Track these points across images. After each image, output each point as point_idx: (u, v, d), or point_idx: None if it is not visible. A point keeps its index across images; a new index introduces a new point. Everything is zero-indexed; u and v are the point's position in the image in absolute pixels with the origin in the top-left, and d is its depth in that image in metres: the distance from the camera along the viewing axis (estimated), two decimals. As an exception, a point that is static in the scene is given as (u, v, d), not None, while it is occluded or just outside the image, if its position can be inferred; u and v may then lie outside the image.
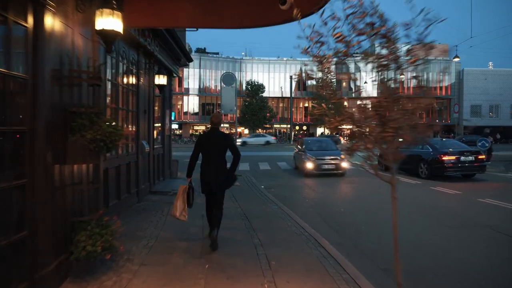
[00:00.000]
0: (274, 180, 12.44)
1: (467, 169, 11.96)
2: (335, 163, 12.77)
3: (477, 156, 11.84)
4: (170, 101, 10.02)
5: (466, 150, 12.08)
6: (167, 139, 9.71)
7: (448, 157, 11.61)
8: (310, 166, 12.67)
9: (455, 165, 11.63)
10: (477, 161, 11.81)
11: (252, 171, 15.05)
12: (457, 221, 6.68)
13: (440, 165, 11.68)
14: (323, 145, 14.55)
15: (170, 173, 10.10)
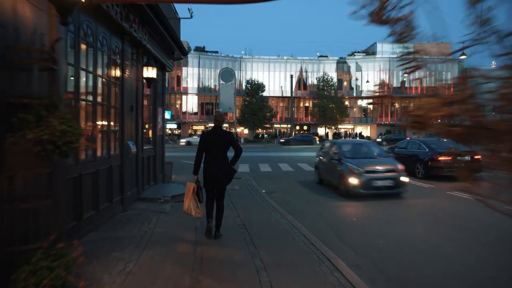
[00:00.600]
0: (276, 183, 11.59)
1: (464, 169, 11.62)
2: (393, 176, 8.95)
3: (473, 156, 11.40)
4: (163, 98, 9.16)
5: (464, 150, 11.45)
6: (159, 140, 8.85)
7: (444, 157, 11.35)
8: (354, 181, 8.73)
9: (451, 165, 10.92)
10: (473, 161, 11.38)
11: (252, 173, 14.20)
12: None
13: (436, 165, 11.45)
14: (366, 150, 10.61)
15: (163, 176, 9.24)
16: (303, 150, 31.03)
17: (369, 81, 52.68)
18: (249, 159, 20.57)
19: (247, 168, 16.01)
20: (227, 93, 12.14)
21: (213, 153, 5.06)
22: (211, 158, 5.06)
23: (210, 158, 5.06)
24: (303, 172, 14.66)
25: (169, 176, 10.32)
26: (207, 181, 5.08)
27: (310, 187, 10.90)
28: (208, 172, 5.05)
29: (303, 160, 19.87)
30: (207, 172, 5.05)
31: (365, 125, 57.18)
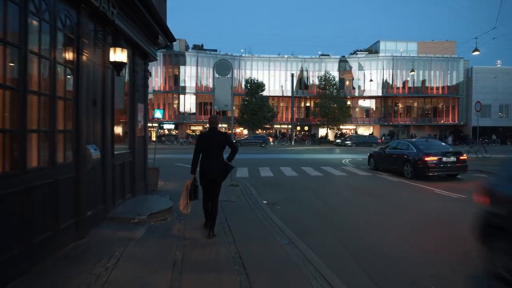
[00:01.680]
0: (279, 192, 10.08)
1: (449, 170, 12.39)
2: None
3: (458, 157, 12.30)
4: (144, 91, 7.65)
5: (448, 151, 12.53)
6: (139, 142, 7.33)
7: (430, 158, 12.01)
8: None
9: (437, 166, 12.05)
10: (458, 162, 12.29)
11: (252, 179, 12.68)
12: None
13: (423, 165, 12.08)
14: None
15: (145, 186, 7.72)
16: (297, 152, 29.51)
17: (373, 80, 51.14)
18: (249, 162, 19.06)
19: (246, 172, 14.50)
20: (223, 88, 10.64)
21: (209, 154, 5.34)
22: (207, 158, 5.34)
23: (206, 158, 5.34)
24: (308, 177, 13.14)
25: (153, 185, 8.81)
26: (204, 180, 5.37)
27: (318, 195, 9.38)
28: (204, 171, 5.32)
29: (306, 163, 18.38)
30: (204, 172, 5.32)
31: (368, 126, 55.68)
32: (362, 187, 10.99)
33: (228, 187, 10.21)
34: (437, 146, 13.16)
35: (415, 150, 12.68)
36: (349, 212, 7.46)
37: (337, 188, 10.67)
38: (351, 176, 13.61)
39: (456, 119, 53.08)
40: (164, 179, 11.57)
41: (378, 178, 13.07)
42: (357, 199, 9.02)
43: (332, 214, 7.30)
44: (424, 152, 12.27)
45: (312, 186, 11.10)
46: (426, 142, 13.55)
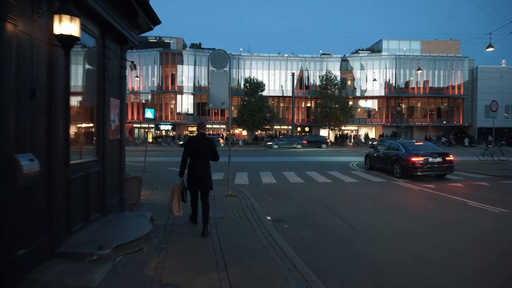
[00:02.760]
0: (285, 204, 8.60)
1: (436, 170, 12.85)
2: None
3: (444, 158, 12.76)
4: (120, 84, 6.17)
5: (435, 152, 13.06)
6: (113, 147, 5.86)
7: (417, 158, 12.58)
8: None
9: (423, 166, 12.55)
10: (445, 162, 12.74)
11: (252, 186, 11.21)
12: None
13: (410, 165, 12.65)
14: None
15: (122, 201, 6.23)
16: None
17: (376, 80, 49.72)
18: (248, 165, 17.58)
19: (246, 178, 13.02)
20: (219, 83, 9.17)
21: (196, 159, 5.59)
22: (194, 163, 5.59)
23: (193, 163, 5.59)
24: (316, 184, 11.67)
25: (135, 197, 7.33)
26: (191, 183, 5.64)
27: (332, 209, 7.89)
28: (191, 175, 5.61)
29: (311, 167, 16.91)
30: (191, 175, 5.61)
31: (370, 127, 54.27)
32: (381, 198, 9.52)
33: (225, 198, 8.74)
34: (426, 148, 13.72)
35: (404, 150, 13.33)
36: (379, 238, 5.92)
37: (352, 200, 9.19)
38: (363, 183, 12.14)
39: (461, 119, 51.69)
40: (152, 187, 10.09)
41: (394, 185, 11.61)
42: (383, 216, 7.51)
43: (358, 240, 5.77)
44: (412, 152, 12.87)
45: (322, 196, 9.62)
46: (415, 144, 14.17)
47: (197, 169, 5.57)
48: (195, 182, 5.60)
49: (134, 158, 16.67)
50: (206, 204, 5.66)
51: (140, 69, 49.19)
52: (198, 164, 5.58)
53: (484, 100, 50.75)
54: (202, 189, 5.67)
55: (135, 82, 48.78)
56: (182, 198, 5.67)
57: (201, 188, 5.66)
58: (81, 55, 4.96)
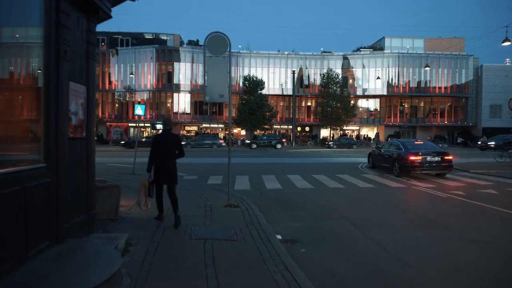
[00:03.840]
0: (296, 217, 7.12)
1: (434, 169, 12.99)
2: None
3: (443, 157, 12.90)
4: (87, 65, 4.68)
5: (434, 151, 13.23)
6: (75, 148, 4.37)
7: (415, 157, 12.74)
8: None
9: (421, 165, 12.73)
10: (443, 161, 12.86)
11: (255, 193, 9.75)
12: None
13: (408, 164, 12.82)
14: None
15: (90, 219, 4.73)
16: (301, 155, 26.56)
17: (380, 78, 48.36)
18: (249, 168, 16.11)
19: (247, 182, 11.55)
20: (217, 72, 7.69)
21: (162, 155, 5.81)
22: (161, 159, 5.81)
23: (160, 159, 5.82)
24: (328, 191, 10.20)
25: (112, 211, 5.84)
26: (158, 178, 5.87)
27: (357, 225, 6.40)
28: (158, 170, 5.83)
29: (317, 169, 15.41)
30: (157, 171, 5.83)
31: (372, 126, 52.88)
32: (409, 209, 8.06)
33: (224, 210, 7.26)
34: (425, 147, 13.73)
35: (403, 149, 13.51)
36: (436, 275, 4.48)
37: (377, 212, 7.71)
38: (381, 188, 10.69)
39: (465, 119, 50.34)
40: (136, 196, 8.60)
41: (417, 192, 10.16)
42: (425, 238, 6.02)
43: (409, 277, 4.30)
44: (411, 151, 13.06)
45: (339, 206, 8.15)
46: (415, 143, 14.32)
47: (163, 164, 5.81)
48: (161, 177, 5.84)
49: (125, 159, 15.14)
50: (174, 197, 5.91)
51: (135, 66, 47.64)
52: (164, 160, 5.81)
53: (489, 99, 49.51)
54: (168, 183, 5.90)
55: (130, 80, 47.19)
56: (149, 193, 5.84)
57: (167, 182, 5.90)
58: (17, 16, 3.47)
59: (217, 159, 21.72)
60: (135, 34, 51.92)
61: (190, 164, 18.44)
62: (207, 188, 10.22)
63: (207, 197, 8.69)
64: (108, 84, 48.84)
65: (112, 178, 11.37)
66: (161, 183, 5.94)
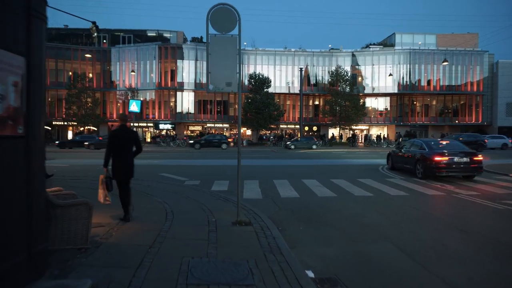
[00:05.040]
0: (326, 239, 5.47)
1: (462, 170, 11.80)
2: None
3: (472, 158, 11.72)
4: (28, 23, 3.10)
5: (461, 151, 12.02)
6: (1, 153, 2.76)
7: (441, 157, 11.65)
8: None
9: (448, 166, 11.58)
10: (472, 163, 11.70)
11: (269, 203, 8.13)
12: None
13: (433, 165, 11.70)
14: None
15: (30, 259, 3.13)
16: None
17: (392, 74, 46.54)
18: (258, 170, 14.49)
19: (257, 189, 9.92)
20: (223, 54, 6.09)
21: (119, 150, 5.87)
22: (118, 154, 5.87)
23: (117, 155, 5.87)
24: (354, 200, 8.54)
25: (79, 238, 4.24)
26: (116, 173, 5.89)
27: (411, 252, 4.70)
28: (116, 166, 5.87)
29: (334, 172, 13.55)
30: (115, 166, 5.86)
31: (382, 126, 51.04)
32: (464, 224, 6.40)
33: (233, 229, 5.65)
34: (452, 147, 12.61)
35: (427, 149, 12.40)
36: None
37: (426, 230, 6.05)
38: (415, 196, 9.03)
39: (480, 118, 48.33)
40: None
41: (457, 199, 8.48)
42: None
43: None
44: (435, 151, 11.96)
45: (376, 222, 6.50)
46: (440, 142, 13.22)
47: (120, 160, 5.87)
48: (119, 172, 5.88)
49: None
50: (128, 191, 6.03)
51: (137, 64, 46.23)
52: (121, 155, 5.87)
53: (505, 97, 47.49)
54: (124, 178, 5.97)
55: (132, 78, 45.79)
56: (107, 188, 5.81)
57: (124, 177, 5.96)
58: None
59: (222, 161, 20.14)
60: (138, 31, 50.55)
61: (193, 166, 16.88)
62: (211, 196, 8.62)
63: (211, 209, 7.09)
64: (109, 83, 47.48)
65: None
66: (119, 178, 5.95)
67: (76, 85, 41.81)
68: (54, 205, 4.01)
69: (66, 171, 13.92)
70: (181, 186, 10.31)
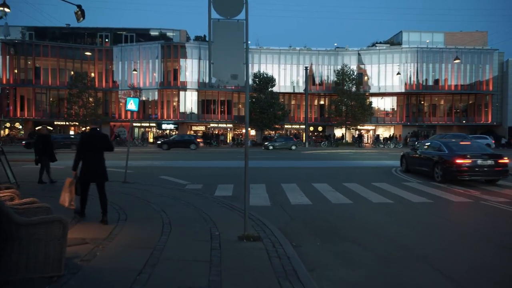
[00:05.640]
0: (349, 261, 4.60)
1: (486, 174, 10.89)
2: None
3: (497, 160, 10.84)
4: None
5: (485, 153, 11.19)
6: None
7: (462, 160, 10.75)
8: None
9: (471, 169, 10.68)
10: (498, 166, 10.80)
11: (278, 211, 7.29)
12: None
13: (454, 168, 10.82)
14: None
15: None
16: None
17: (400, 73, 45.54)
18: (264, 173, 13.65)
19: (265, 194, 9.07)
20: (228, 42, 5.27)
21: (90, 152, 5.88)
22: (88, 156, 5.87)
23: (88, 157, 5.87)
24: (373, 208, 7.66)
25: (49, 264, 3.41)
26: (85, 176, 5.85)
27: (461, 283, 3.86)
28: (86, 168, 5.83)
29: (344, 175, 12.63)
30: (85, 169, 5.83)
31: (389, 126, 50.00)
32: (504, 239, 5.53)
33: (239, 246, 4.81)
34: (473, 148, 11.75)
35: (446, 151, 11.57)
36: None
37: (468, 249, 5.18)
38: (441, 204, 8.15)
39: (490, 118, 47.16)
40: (120, 215, 6.20)
41: (489, 208, 7.59)
42: None
43: None
44: (456, 153, 11.06)
45: (405, 236, 5.63)
46: (461, 143, 12.22)
47: (91, 162, 5.86)
48: (89, 175, 5.86)
49: (124, 163, 12.77)
50: (104, 195, 5.93)
51: (139, 63, 45.55)
52: (92, 158, 5.87)
53: (515, 97, 46.28)
54: (98, 181, 5.93)
55: (135, 77, 45.10)
56: (76, 191, 5.78)
57: (97, 180, 5.92)
58: None
59: (226, 162, 19.32)
60: (140, 30, 49.87)
61: (195, 168, 16.05)
62: (214, 203, 7.80)
63: (215, 219, 6.27)
64: (111, 83, 46.83)
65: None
66: (88, 181, 5.91)
67: (78, 84, 41.16)
68: (17, 224, 3.19)
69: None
70: (181, 190, 9.49)
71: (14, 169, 9.39)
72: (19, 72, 44.75)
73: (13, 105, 44.73)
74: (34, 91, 45.35)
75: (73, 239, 4.74)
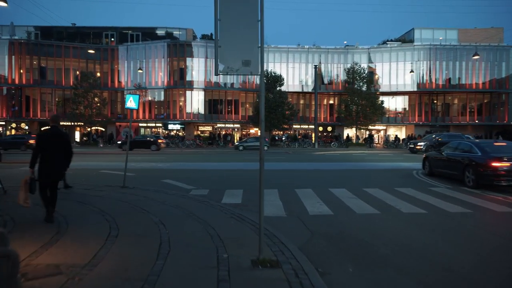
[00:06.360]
0: (389, 285, 3.63)
1: None
2: None
3: None
4: None
5: None
6: None
7: (499, 163, 9.67)
8: None
9: (509, 174, 9.50)
10: None
11: (296, 223, 6.26)
12: None
13: (489, 172, 9.76)
14: None
15: None
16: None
17: (413, 71, 44.16)
18: (275, 176, 12.63)
19: (278, 202, 8.03)
20: (238, 22, 4.30)
21: (48, 152, 5.72)
22: (45, 157, 5.71)
23: (45, 156, 5.71)
24: (405, 219, 6.59)
25: None
26: (42, 175, 5.71)
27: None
28: (43, 167, 5.70)
29: (364, 181, 11.44)
30: (43, 168, 5.70)
31: (400, 126, 48.61)
32: None
33: (253, 276, 3.76)
34: (510, 149, 10.62)
35: (479, 153, 10.56)
36: None
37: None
38: (482, 214, 7.07)
39: (506, 117, 45.50)
40: (111, 229, 5.23)
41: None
42: None
43: None
44: (491, 156, 10.07)
45: (451, 257, 4.57)
46: (495, 144, 11.16)
47: (49, 161, 5.72)
48: (46, 174, 5.73)
49: (127, 165, 11.83)
50: (55, 194, 5.89)
51: (145, 63, 44.83)
52: (50, 156, 5.73)
53: (533, 95, 44.58)
54: (52, 179, 5.83)
55: (140, 77, 44.38)
56: (30, 189, 5.60)
57: (52, 178, 5.82)
58: None
59: (234, 164, 18.34)
60: (146, 29, 49.18)
61: (201, 171, 15.07)
62: (221, 213, 6.82)
63: (222, 235, 5.27)
64: (117, 82, 46.19)
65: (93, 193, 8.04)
66: (46, 180, 5.78)
67: (83, 84, 40.55)
68: None
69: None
70: (185, 197, 8.52)
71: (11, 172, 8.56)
72: (24, 72, 44.32)
73: (18, 105, 44.31)
74: (40, 91, 44.91)
75: (45, 265, 3.79)
